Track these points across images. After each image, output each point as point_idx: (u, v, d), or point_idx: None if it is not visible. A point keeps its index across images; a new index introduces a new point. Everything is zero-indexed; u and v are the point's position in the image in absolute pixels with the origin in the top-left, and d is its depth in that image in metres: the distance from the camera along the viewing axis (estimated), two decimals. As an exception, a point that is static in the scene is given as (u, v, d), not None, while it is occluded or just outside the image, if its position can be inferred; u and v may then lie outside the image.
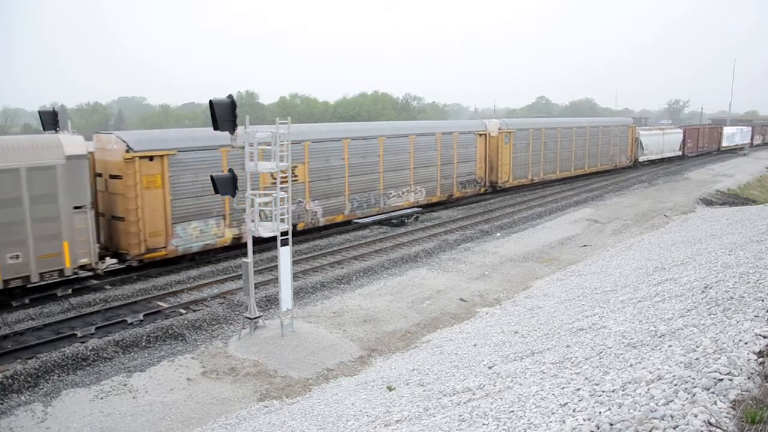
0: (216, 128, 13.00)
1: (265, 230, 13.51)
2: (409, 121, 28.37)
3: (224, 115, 12.89)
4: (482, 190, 32.27)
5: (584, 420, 5.37)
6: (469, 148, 30.83)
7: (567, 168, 39.97)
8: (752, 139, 77.62)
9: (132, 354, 13.05)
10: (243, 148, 13.60)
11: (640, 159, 48.95)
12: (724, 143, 67.58)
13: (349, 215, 24.39)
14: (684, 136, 55.88)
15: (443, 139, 29.14)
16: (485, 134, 31.92)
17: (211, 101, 12.88)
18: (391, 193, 26.35)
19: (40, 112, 18.67)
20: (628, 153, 47.67)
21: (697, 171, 47.99)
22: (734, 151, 69.31)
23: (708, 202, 33.32)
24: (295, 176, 21.46)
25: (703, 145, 61.28)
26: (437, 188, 29.10)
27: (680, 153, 55.53)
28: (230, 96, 13.06)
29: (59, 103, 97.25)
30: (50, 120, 18.23)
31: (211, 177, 13.36)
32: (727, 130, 70.18)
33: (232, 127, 13.04)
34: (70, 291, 16.47)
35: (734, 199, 35.76)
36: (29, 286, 15.56)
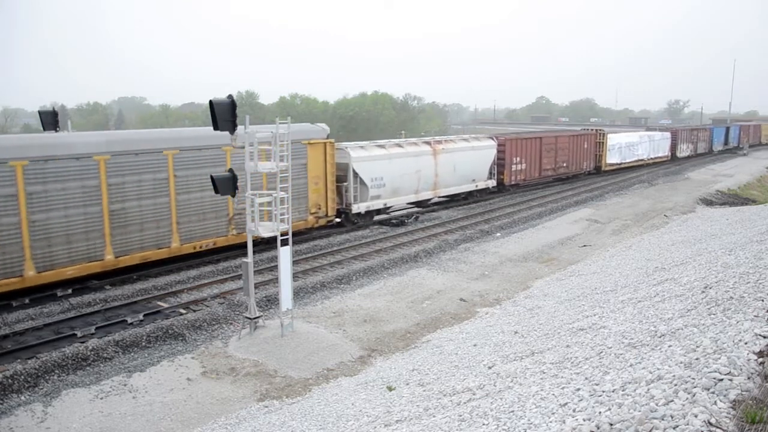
0: (216, 128, 13.01)
1: (265, 230, 13.52)
2: None
3: (224, 115, 12.89)
4: None
5: (584, 420, 5.37)
6: None
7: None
8: (674, 149, 51.45)
9: (132, 354, 13.04)
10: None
11: (358, 209, 23.66)
12: (610, 160, 41.85)
13: None
14: (504, 152, 31.82)
15: None
16: None
17: (211, 101, 12.88)
18: None
19: (40, 112, 18.64)
20: (325, 204, 22.03)
21: (698, 171, 47.98)
22: (635, 169, 45.00)
23: (708, 202, 33.33)
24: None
25: (556, 165, 36.14)
26: None
27: (493, 183, 31.69)
28: (230, 96, 13.05)
29: (59, 103, 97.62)
30: (50, 120, 18.20)
31: (211, 177, 13.45)
32: (615, 140, 42.42)
33: (232, 127, 13.04)
34: (70, 291, 16.47)
35: (734, 199, 35.75)
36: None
